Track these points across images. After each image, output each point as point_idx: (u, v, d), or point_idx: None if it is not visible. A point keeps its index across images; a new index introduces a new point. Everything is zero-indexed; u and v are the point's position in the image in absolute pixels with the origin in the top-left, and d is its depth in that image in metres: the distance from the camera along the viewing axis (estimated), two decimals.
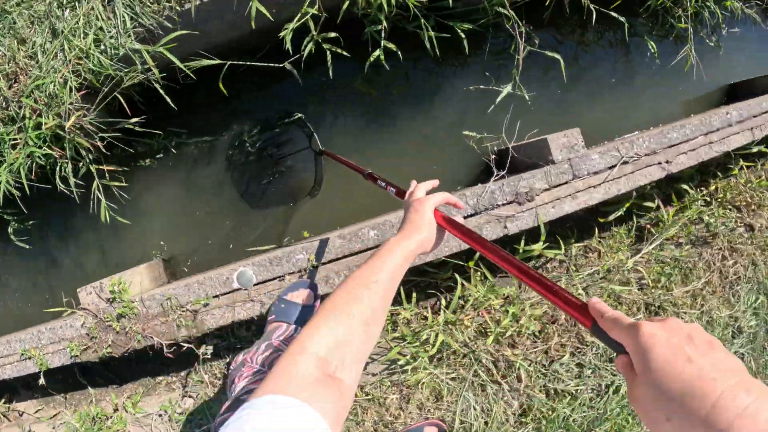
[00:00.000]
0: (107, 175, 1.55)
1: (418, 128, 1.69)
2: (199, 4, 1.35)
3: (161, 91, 1.37)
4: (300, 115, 1.65)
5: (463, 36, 1.44)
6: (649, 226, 1.72)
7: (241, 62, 1.43)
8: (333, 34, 1.41)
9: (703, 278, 1.68)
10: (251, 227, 1.68)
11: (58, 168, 1.43)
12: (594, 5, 1.55)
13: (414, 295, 1.49)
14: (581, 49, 1.91)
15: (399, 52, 1.45)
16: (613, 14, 1.60)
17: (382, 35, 1.42)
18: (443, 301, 1.51)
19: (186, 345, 1.42)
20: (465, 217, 1.29)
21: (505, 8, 1.50)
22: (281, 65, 1.45)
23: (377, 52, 1.40)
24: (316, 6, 1.33)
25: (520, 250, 1.39)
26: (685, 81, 2.13)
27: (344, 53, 1.44)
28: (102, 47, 1.35)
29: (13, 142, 1.37)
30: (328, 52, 1.40)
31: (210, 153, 1.68)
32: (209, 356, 1.50)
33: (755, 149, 1.81)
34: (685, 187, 1.76)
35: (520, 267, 0.59)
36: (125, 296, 1.43)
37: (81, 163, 1.46)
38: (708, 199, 1.85)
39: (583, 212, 1.54)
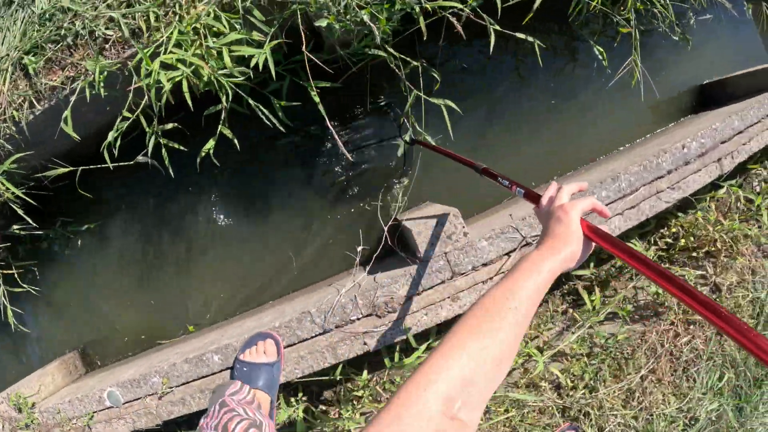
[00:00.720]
0: (17, 276, 1.57)
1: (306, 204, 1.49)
2: (32, 120, 1.27)
3: (19, 210, 1.33)
4: (387, 101, 1.47)
5: (317, 99, 1.18)
6: (571, 310, 1.36)
7: (91, 166, 1.33)
8: (170, 126, 1.24)
9: (644, 368, 1.30)
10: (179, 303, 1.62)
11: None
12: (496, 26, 1.18)
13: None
14: (502, 69, 1.54)
15: (235, 140, 1.23)
16: (519, 35, 1.21)
17: (222, 117, 1.21)
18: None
19: None
20: (311, 338, 1.08)
21: (382, 50, 1.20)
22: (132, 162, 1.32)
23: (210, 143, 1.21)
24: (137, 113, 1.17)
25: (388, 366, 1.14)
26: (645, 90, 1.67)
27: (181, 147, 1.27)
28: None
29: None
30: (163, 149, 1.24)
31: (106, 237, 1.63)
32: None
33: (724, 185, 1.36)
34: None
35: (685, 288, 0.51)
36: (24, 408, 1.45)
37: None
38: (664, 251, 1.46)
39: None
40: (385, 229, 1.14)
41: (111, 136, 1.21)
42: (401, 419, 0.43)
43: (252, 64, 1.09)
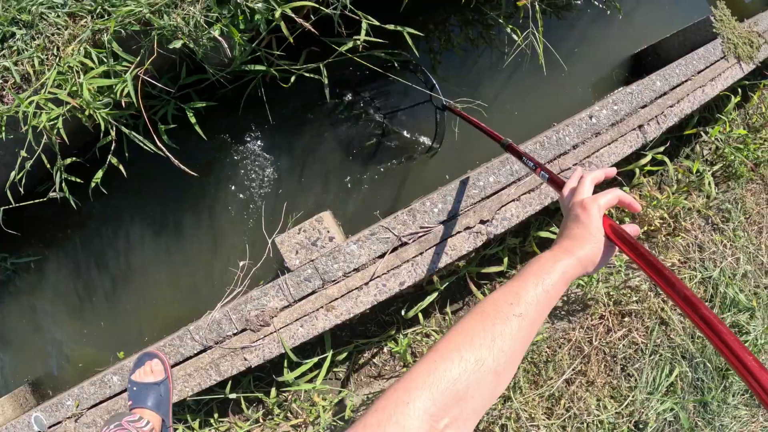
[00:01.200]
0: None
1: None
2: None
3: None
4: (416, 63, 1.45)
5: (193, 120, 1.19)
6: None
7: (8, 206, 1.40)
8: (69, 160, 1.30)
9: (568, 370, 1.22)
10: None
11: None
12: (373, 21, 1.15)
13: None
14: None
15: (121, 167, 1.27)
16: (389, 26, 1.19)
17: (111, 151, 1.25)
18: None
19: None
20: (194, 355, 1.09)
21: (263, 65, 1.20)
22: (44, 199, 1.38)
23: (98, 174, 1.25)
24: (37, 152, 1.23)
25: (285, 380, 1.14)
26: (570, 68, 1.61)
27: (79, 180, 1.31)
28: None
29: None
30: (64, 183, 1.29)
31: (41, 271, 1.71)
32: None
33: (648, 155, 1.28)
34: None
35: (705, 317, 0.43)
36: None
37: None
38: None
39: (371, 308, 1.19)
40: (269, 241, 1.14)
41: (12, 175, 1.27)
42: None
43: (118, 90, 1.12)
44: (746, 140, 1.71)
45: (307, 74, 1.26)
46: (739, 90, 1.73)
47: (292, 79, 1.27)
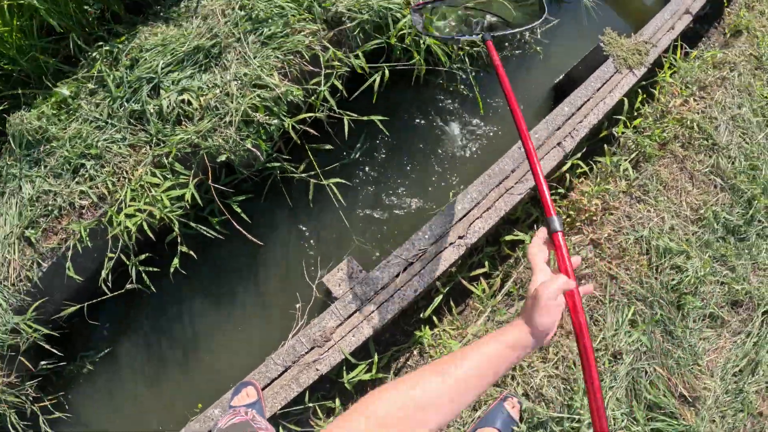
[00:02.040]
0: (49, 406, 1.96)
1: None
2: (41, 276, 1.71)
3: (46, 346, 1.76)
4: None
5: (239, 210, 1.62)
6: (470, 302, 1.73)
7: (94, 300, 1.76)
8: (143, 255, 1.68)
9: None
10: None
11: (9, 419, 1.87)
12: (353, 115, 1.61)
13: None
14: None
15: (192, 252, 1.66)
16: (366, 117, 1.66)
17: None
18: None
19: None
20: (278, 376, 1.48)
21: (280, 161, 1.64)
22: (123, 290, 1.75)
23: (175, 261, 1.64)
24: (117, 253, 1.61)
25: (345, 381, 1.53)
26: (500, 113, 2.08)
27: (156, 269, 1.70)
28: None
29: None
30: (143, 274, 1.67)
31: (116, 355, 2.03)
32: None
33: (568, 162, 1.75)
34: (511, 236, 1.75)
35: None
36: None
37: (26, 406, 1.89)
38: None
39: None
40: (315, 282, 1.56)
41: (103, 273, 1.65)
42: None
43: (187, 198, 1.53)
44: (652, 127, 2.20)
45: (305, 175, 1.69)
46: (639, 90, 2.24)
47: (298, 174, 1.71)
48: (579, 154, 1.88)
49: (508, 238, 1.73)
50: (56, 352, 1.79)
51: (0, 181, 1.83)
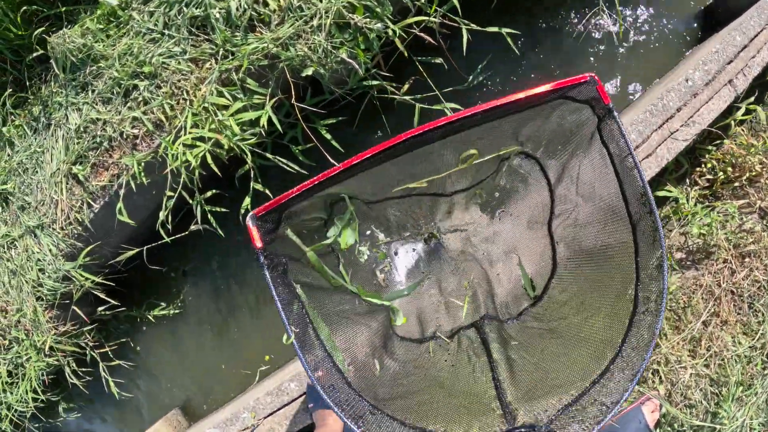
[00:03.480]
0: (110, 353, 1.81)
1: None
2: (92, 218, 1.48)
3: (101, 294, 1.55)
4: None
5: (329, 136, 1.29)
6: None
7: (155, 243, 1.52)
8: (209, 193, 1.41)
9: (704, 312, 1.28)
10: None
11: (67, 369, 1.72)
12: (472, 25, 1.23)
13: None
14: None
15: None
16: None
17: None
18: None
19: None
20: None
21: (378, 79, 1.29)
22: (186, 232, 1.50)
23: (247, 200, 1.36)
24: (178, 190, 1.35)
25: None
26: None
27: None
28: (47, 273, 1.58)
29: (19, 360, 1.69)
30: (210, 216, 1.40)
31: (183, 302, 1.84)
32: None
33: (741, 106, 1.32)
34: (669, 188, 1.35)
35: None
36: None
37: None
38: (707, 188, 1.41)
39: None
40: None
41: (162, 214, 1.39)
42: None
43: (262, 122, 1.22)
44: None
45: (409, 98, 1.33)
46: None
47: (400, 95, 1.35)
48: (752, 98, 1.43)
49: (660, 194, 1.34)
50: (112, 301, 1.60)
51: (45, 112, 1.60)
